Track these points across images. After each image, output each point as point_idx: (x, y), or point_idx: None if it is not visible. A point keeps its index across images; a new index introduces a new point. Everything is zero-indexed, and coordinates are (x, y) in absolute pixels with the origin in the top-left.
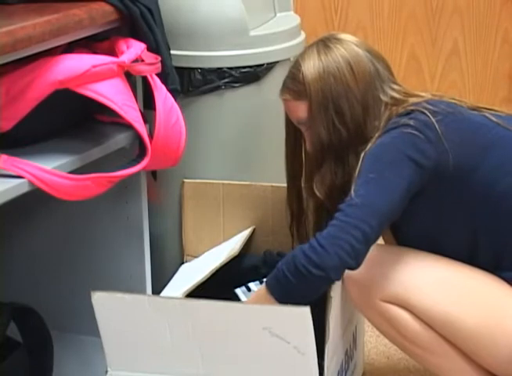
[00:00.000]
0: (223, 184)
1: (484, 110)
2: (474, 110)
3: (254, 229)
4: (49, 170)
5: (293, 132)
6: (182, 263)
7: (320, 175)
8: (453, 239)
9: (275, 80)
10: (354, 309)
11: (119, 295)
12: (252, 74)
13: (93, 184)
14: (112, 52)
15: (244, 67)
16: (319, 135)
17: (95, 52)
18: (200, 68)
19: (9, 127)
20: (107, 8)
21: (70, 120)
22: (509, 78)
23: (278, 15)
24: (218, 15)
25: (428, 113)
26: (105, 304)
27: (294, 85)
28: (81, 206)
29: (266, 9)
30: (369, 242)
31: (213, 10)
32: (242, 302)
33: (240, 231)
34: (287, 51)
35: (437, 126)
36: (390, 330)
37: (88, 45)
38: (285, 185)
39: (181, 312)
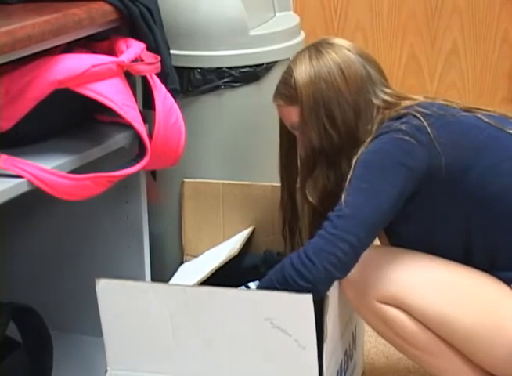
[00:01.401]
0: (223, 184)
1: (477, 111)
2: (466, 111)
3: (254, 229)
4: (49, 170)
5: (286, 136)
6: (182, 263)
7: (312, 179)
8: (448, 239)
9: (275, 80)
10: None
11: (123, 282)
12: (252, 74)
13: (93, 184)
14: (111, 51)
15: (244, 67)
16: (310, 140)
17: (94, 52)
18: (200, 68)
19: (8, 127)
20: (107, 7)
21: (70, 120)
22: (508, 78)
23: (277, 14)
24: (217, 15)
25: (420, 117)
26: (108, 292)
27: (286, 90)
28: (81, 206)
29: (266, 8)
30: (357, 253)
31: (213, 10)
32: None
33: (240, 231)
34: (287, 51)
35: (429, 129)
36: (387, 331)
37: (87, 44)
38: None
39: (183, 300)
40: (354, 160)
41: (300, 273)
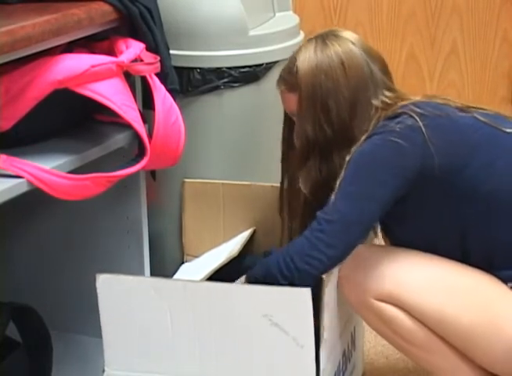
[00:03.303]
0: (223, 184)
1: (474, 110)
2: (462, 110)
3: (255, 230)
4: (48, 170)
5: (288, 124)
6: (183, 263)
7: (306, 170)
8: (444, 238)
9: (275, 80)
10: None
11: (123, 277)
12: (251, 74)
13: (92, 184)
14: (111, 51)
15: (243, 67)
16: (305, 130)
17: (94, 52)
18: (200, 68)
19: (8, 126)
20: (106, 8)
21: (70, 120)
22: (508, 78)
23: (277, 15)
24: (217, 15)
25: (415, 117)
26: (109, 287)
27: (288, 77)
28: (81, 206)
29: (265, 8)
30: (343, 256)
31: (212, 10)
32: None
33: (240, 231)
34: (286, 51)
35: (423, 130)
36: (385, 329)
37: (87, 44)
38: None
39: (182, 295)
40: (347, 159)
41: (283, 275)
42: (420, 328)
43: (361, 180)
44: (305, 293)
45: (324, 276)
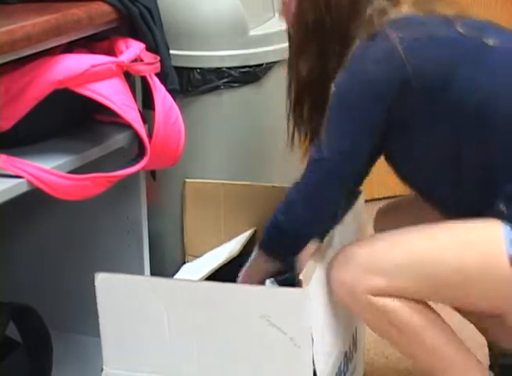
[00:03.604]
0: (223, 184)
1: (460, 21)
2: (447, 23)
3: (255, 230)
4: (48, 170)
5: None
6: (184, 263)
7: (305, 55)
8: (439, 154)
9: (275, 80)
10: None
11: (121, 276)
12: (251, 74)
13: (92, 184)
14: (111, 51)
15: (243, 67)
16: (304, 12)
17: (94, 52)
18: (200, 68)
19: (8, 126)
20: (106, 8)
21: (70, 120)
22: None
23: (277, 14)
24: (217, 15)
25: (392, 40)
26: (107, 286)
27: None
28: (81, 206)
29: (265, 8)
30: (343, 188)
31: (212, 10)
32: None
33: (241, 231)
34: (286, 51)
35: (401, 52)
36: (381, 322)
37: (87, 44)
38: (286, 185)
39: (180, 294)
40: (331, 89)
41: (288, 218)
42: (415, 314)
43: (343, 114)
44: (303, 293)
45: (301, 276)
